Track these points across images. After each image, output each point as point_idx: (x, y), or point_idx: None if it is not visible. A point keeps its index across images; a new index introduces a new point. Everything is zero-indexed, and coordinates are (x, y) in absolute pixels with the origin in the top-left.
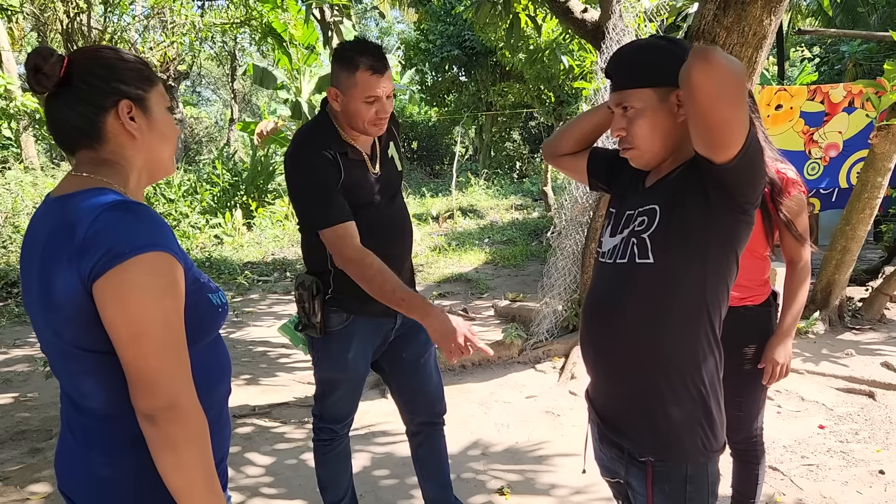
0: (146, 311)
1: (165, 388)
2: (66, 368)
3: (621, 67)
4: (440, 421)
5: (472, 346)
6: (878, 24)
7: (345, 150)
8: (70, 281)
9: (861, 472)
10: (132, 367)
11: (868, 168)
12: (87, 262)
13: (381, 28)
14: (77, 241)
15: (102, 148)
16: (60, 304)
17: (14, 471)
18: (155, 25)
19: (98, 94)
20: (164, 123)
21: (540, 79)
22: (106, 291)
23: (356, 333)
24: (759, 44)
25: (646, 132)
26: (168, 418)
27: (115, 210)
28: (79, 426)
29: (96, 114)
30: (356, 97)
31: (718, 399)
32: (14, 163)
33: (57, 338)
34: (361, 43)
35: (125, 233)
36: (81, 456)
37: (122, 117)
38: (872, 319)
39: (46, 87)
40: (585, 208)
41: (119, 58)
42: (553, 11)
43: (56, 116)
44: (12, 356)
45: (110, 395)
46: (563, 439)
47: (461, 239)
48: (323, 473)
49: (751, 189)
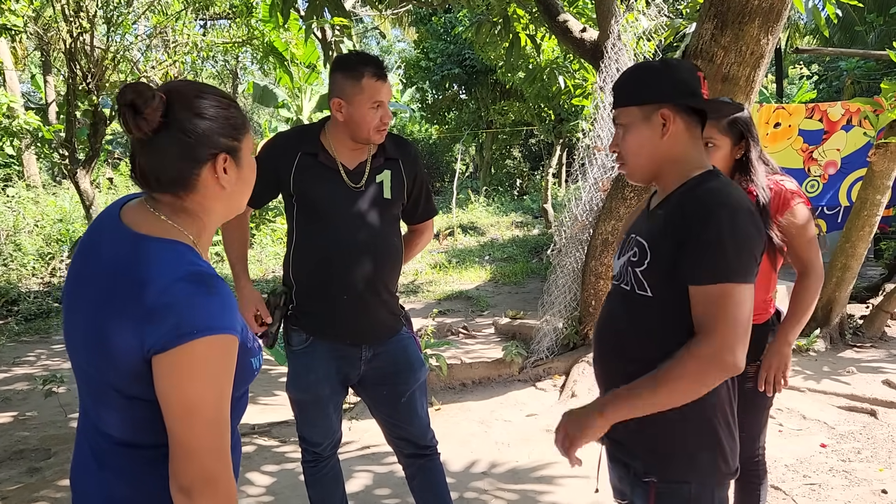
0: (203, 391)
1: (207, 463)
2: (97, 400)
3: (616, 87)
4: (429, 453)
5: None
6: (876, 42)
7: (314, 152)
8: (130, 341)
9: (864, 491)
10: (178, 438)
11: (867, 185)
12: (152, 332)
13: (382, 47)
14: (146, 306)
15: (189, 197)
16: (112, 352)
17: (12, 490)
18: (157, 45)
19: (197, 147)
20: (250, 170)
21: (540, 97)
22: (166, 367)
23: (317, 355)
24: (756, 63)
25: (632, 148)
26: (203, 492)
27: (191, 283)
28: (98, 446)
29: (192, 167)
30: (363, 104)
31: (729, 423)
32: (16, 180)
33: (96, 372)
34: (362, 53)
35: (196, 311)
36: (97, 475)
37: (218, 171)
38: (873, 337)
39: (143, 132)
40: (585, 226)
41: (217, 105)
42: (552, 31)
43: (148, 161)
44: (12, 375)
45: (133, 431)
46: (565, 458)
47: (462, 256)
48: (313, 494)
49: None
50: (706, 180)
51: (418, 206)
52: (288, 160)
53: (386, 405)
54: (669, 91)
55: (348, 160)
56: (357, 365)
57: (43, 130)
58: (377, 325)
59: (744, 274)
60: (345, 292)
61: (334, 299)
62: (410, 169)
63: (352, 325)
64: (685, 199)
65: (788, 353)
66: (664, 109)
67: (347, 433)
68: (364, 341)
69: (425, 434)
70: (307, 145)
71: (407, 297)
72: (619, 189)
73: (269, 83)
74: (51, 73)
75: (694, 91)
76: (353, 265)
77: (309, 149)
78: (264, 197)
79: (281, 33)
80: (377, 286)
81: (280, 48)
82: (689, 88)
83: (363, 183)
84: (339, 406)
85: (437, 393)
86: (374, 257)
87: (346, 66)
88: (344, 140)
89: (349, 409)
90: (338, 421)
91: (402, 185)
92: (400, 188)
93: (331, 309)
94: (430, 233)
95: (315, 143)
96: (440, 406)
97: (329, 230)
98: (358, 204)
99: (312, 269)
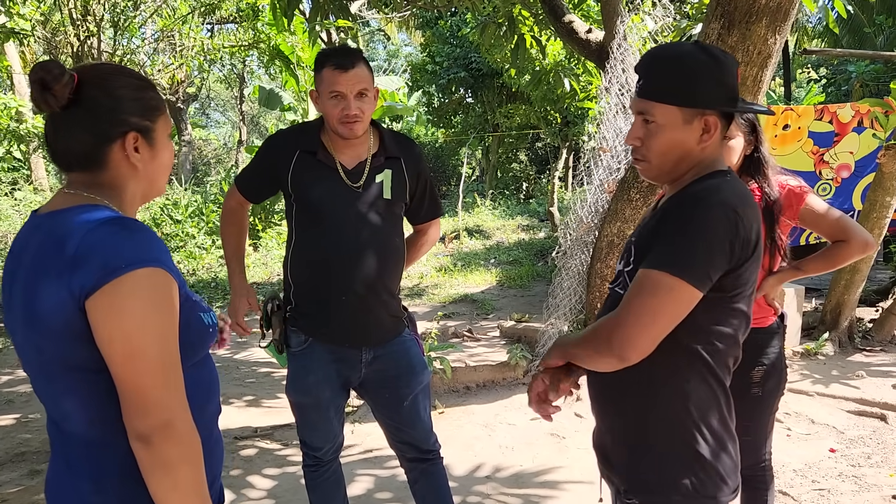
0: (142, 326)
1: (161, 406)
2: (49, 388)
3: (653, 74)
4: (431, 457)
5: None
6: (885, 44)
7: (313, 150)
8: (59, 295)
9: (874, 497)
10: (127, 384)
11: (877, 187)
12: (79, 277)
13: (389, 51)
14: (68, 255)
15: (101, 174)
16: (46, 319)
17: (13, 493)
18: (164, 48)
19: (105, 124)
20: (166, 152)
21: (546, 100)
22: (101, 307)
23: (316, 357)
24: (764, 63)
25: (662, 150)
26: (163, 438)
27: (110, 225)
28: (66, 452)
29: (100, 144)
30: (323, 94)
31: (723, 442)
32: (24, 184)
33: (39, 354)
34: (337, 47)
35: (120, 248)
36: (70, 484)
37: (128, 149)
38: (883, 341)
39: (51, 108)
40: (590, 228)
41: (129, 85)
42: (558, 32)
43: (56, 137)
44: (15, 377)
45: (93, 415)
46: (569, 463)
47: (467, 259)
48: (313, 498)
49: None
50: (710, 177)
51: (422, 205)
52: (286, 157)
53: (388, 408)
54: (721, 98)
55: (347, 159)
56: (357, 367)
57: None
58: (377, 327)
59: (686, 271)
60: (343, 293)
61: (333, 300)
62: (413, 168)
63: (351, 327)
64: (680, 194)
65: (782, 283)
66: (710, 117)
67: (350, 436)
68: (364, 343)
69: (428, 438)
70: (306, 143)
71: (412, 300)
72: (624, 191)
73: (275, 87)
74: None
75: (737, 94)
76: (352, 265)
77: (308, 146)
78: (263, 192)
79: (287, 37)
80: (377, 287)
81: (286, 51)
82: (735, 92)
83: (362, 182)
84: (340, 409)
85: (441, 396)
86: (374, 258)
87: (315, 59)
88: (336, 137)
89: (352, 413)
90: (339, 425)
91: (403, 184)
92: (402, 188)
93: (330, 310)
94: (436, 233)
95: (314, 141)
96: (444, 409)
97: (327, 230)
98: (357, 204)
99: (311, 269)
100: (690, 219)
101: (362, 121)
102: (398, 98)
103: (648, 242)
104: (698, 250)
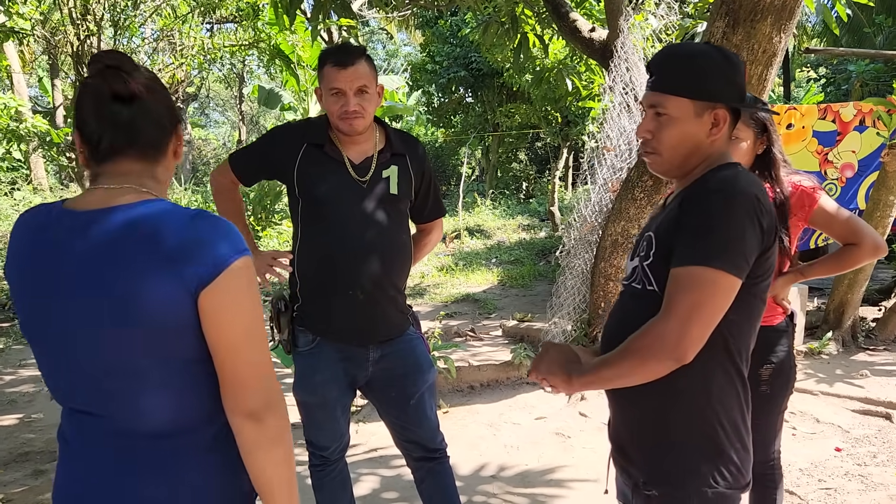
0: (253, 309)
1: (271, 382)
2: (127, 386)
3: (666, 69)
4: (438, 456)
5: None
6: (885, 44)
7: (321, 143)
8: (167, 288)
9: (881, 496)
10: (242, 367)
11: (880, 186)
12: (192, 270)
13: (389, 50)
14: (170, 249)
15: (159, 164)
16: (153, 314)
17: (17, 493)
18: (164, 48)
19: (171, 114)
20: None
21: (546, 99)
22: (217, 296)
23: (324, 356)
24: (768, 61)
25: (673, 142)
26: (272, 413)
27: (202, 218)
28: (123, 449)
29: (168, 133)
30: (325, 91)
31: (741, 435)
32: (23, 184)
33: (122, 353)
34: (340, 44)
35: (223, 240)
36: (121, 481)
37: (180, 140)
38: (886, 340)
39: (133, 91)
40: (594, 227)
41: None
42: (561, 31)
43: (129, 124)
44: (18, 377)
45: (184, 405)
46: (574, 462)
47: (468, 259)
48: (320, 498)
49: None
50: (721, 169)
51: (426, 204)
52: (293, 150)
53: (394, 407)
54: (731, 93)
55: (354, 154)
56: (365, 366)
57: (52, 133)
58: (385, 322)
59: (724, 261)
60: (350, 287)
61: (340, 295)
62: (418, 166)
63: (359, 323)
64: (694, 187)
65: (790, 285)
66: (720, 111)
67: (355, 436)
68: (371, 341)
69: (434, 437)
70: (313, 136)
71: (414, 300)
72: (628, 190)
73: (275, 86)
74: (58, 77)
75: (744, 91)
76: (359, 261)
77: (315, 139)
78: (258, 175)
79: (287, 36)
80: (384, 282)
81: (287, 51)
82: (744, 91)
83: (369, 177)
84: (346, 409)
85: (445, 395)
86: (381, 253)
87: (318, 57)
88: (340, 134)
89: (357, 412)
90: (345, 424)
91: (409, 181)
92: (407, 184)
93: (337, 305)
94: (440, 232)
95: (322, 135)
96: (448, 409)
97: (334, 225)
98: (363, 199)
99: (317, 265)
100: (717, 209)
101: (363, 117)
102: (398, 98)
103: (672, 235)
104: (731, 239)
